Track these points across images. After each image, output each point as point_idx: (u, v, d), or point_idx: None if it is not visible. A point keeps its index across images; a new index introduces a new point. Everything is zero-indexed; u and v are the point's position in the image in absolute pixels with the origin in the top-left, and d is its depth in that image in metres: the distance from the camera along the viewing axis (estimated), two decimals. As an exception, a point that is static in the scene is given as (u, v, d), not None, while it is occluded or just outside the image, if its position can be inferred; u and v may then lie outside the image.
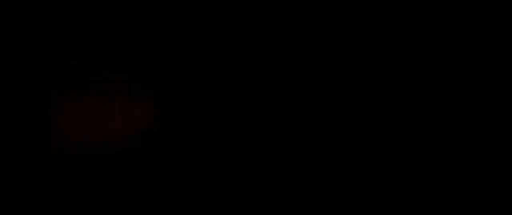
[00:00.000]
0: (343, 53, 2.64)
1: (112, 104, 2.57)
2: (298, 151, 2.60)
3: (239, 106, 2.61)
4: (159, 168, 2.57)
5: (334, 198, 2.57)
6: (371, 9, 2.64)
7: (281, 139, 2.60)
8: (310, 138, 2.61)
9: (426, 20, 2.64)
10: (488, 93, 2.60)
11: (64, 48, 2.59)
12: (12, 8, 2.58)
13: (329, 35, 2.64)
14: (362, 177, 2.58)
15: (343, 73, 2.63)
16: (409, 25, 2.64)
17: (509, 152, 2.57)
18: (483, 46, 2.62)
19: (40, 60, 2.58)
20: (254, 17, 2.63)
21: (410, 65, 2.63)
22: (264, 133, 2.60)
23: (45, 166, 2.53)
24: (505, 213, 2.54)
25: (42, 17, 2.59)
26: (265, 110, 2.61)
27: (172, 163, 2.58)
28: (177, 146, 2.59)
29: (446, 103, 2.61)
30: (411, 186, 2.57)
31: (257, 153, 2.59)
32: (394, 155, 2.59)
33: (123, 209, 2.53)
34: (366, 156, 2.59)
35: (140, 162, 2.57)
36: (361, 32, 2.64)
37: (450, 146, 2.58)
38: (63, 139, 2.54)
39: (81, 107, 2.56)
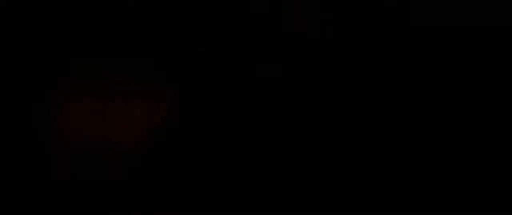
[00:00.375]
0: (343, 53, 2.64)
1: (112, 104, 2.57)
2: (298, 151, 2.60)
3: (239, 106, 2.61)
4: (159, 168, 2.57)
5: (334, 198, 2.57)
6: (371, 9, 2.64)
7: (281, 139, 2.60)
8: (310, 138, 2.61)
9: (426, 20, 2.64)
10: (488, 93, 2.60)
11: (64, 48, 2.59)
12: (12, 8, 2.58)
13: (329, 35, 2.64)
14: (362, 177, 2.58)
15: (343, 73, 2.63)
16: (409, 25, 2.64)
17: (509, 152, 2.57)
18: (483, 46, 2.62)
19: (40, 60, 2.58)
20: (254, 17, 2.63)
21: (410, 65, 2.63)
22: (264, 133, 2.60)
23: (45, 166, 2.53)
24: (505, 213, 2.54)
25: (42, 17, 2.59)
26: (265, 109, 2.61)
27: (172, 163, 2.58)
28: (177, 146, 2.59)
29: (446, 104, 2.61)
30: (411, 186, 2.57)
31: (257, 153, 2.59)
32: (394, 155, 2.59)
33: (123, 209, 2.53)
34: (366, 156, 2.59)
35: (140, 162, 2.57)
36: (361, 32, 2.64)
37: (450, 146, 2.58)
38: (63, 139, 2.54)
39: (81, 107, 2.56)
